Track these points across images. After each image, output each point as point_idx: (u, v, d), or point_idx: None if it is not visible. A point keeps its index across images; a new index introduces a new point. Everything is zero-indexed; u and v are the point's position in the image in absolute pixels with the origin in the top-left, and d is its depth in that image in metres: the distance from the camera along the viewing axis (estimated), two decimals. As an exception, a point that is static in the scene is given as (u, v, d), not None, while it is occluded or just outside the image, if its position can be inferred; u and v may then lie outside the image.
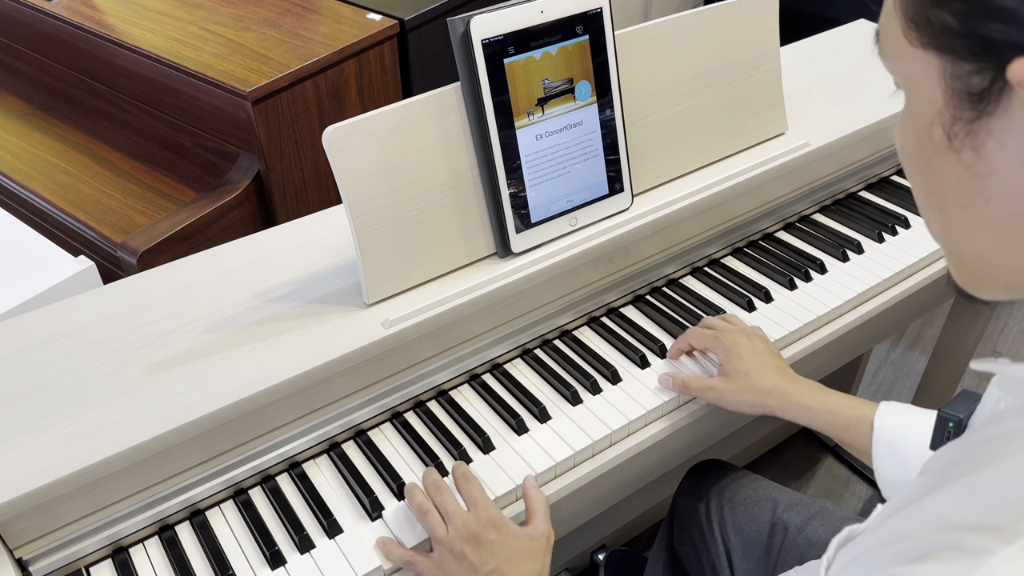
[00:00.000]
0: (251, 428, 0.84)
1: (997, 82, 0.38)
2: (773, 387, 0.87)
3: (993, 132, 0.39)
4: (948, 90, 0.41)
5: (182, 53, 1.48)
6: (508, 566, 0.74)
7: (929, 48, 0.41)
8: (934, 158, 0.43)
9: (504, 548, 0.75)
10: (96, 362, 0.85)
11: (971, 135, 0.40)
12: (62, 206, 1.43)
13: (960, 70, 0.40)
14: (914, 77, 0.43)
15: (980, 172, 0.41)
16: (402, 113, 0.87)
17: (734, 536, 1.00)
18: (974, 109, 0.40)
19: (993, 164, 0.40)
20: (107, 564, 0.80)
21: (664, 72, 1.03)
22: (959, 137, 0.41)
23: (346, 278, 0.94)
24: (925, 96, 0.42)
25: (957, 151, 0.41)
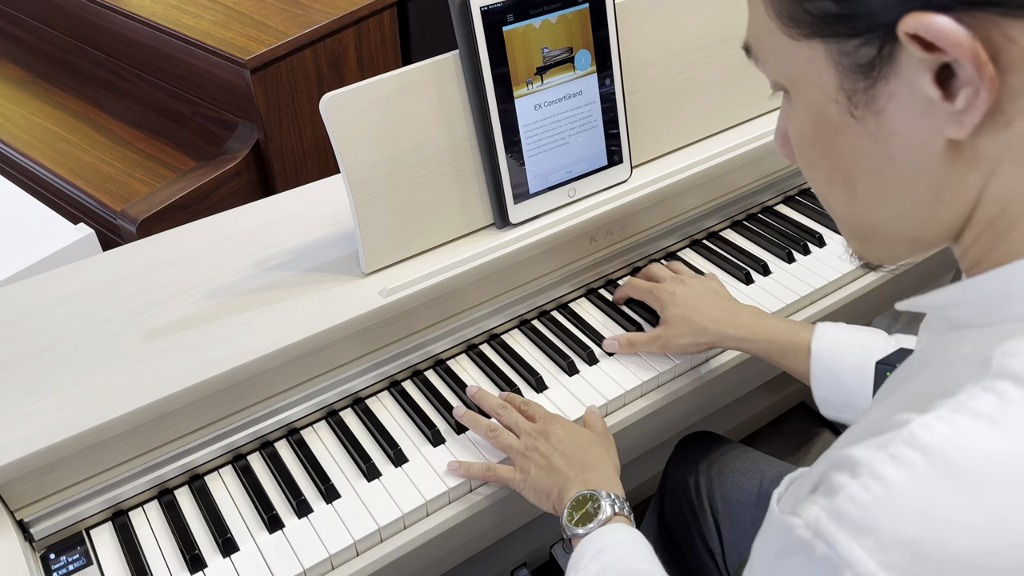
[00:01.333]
0: (249, 395, 0.84)
1: (885, 47, 0.41)
2: (711, 321, 0.91)
3: (888, 95, 0.43)
4: (839, 68, 0.44)
5: (181, 21, 1.47)
6: (573, 447, 0.81)
7: (812, 37, 0.44)
8: (836, 138, 0.46)
9: (568, 435, 0.83)
10: (95, 328, 0.85)
11: (870, 103, 0.44)
12: (62, 174, 1.44)
13: (847, 47, 0.43)
14: (800, 71, 0.46)
15: (882, 135, 0.44)
16: (400, 81, 0.86)
17: (722, 507, 1.01)
18: (868, 78, 0.43)
19: (894, 123, 0.43)
20: (107, 527, 0.81)
21: (665, 42, 1.02)
22: (860, 106, 0.44)
23: (344, 247, 0.95)
24: (816, 83, 0.46)
25: (860, 119, 0.45)
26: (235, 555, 0.78)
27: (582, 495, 0.76)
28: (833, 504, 0.39)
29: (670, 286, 0.96)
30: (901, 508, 0.37)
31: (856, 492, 0.38)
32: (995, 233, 0.44)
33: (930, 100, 0.41)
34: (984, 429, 0.36)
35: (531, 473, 0.81)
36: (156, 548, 0.79)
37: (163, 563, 0.78)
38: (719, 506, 1.01)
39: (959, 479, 0.36)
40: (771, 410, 1.76)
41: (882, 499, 0.37)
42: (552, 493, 0.79)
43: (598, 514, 0.75)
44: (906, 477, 0.37)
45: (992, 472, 0.36)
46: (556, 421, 0.85)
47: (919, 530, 0.36)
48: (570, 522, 0.75)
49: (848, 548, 0.37)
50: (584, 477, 0.78)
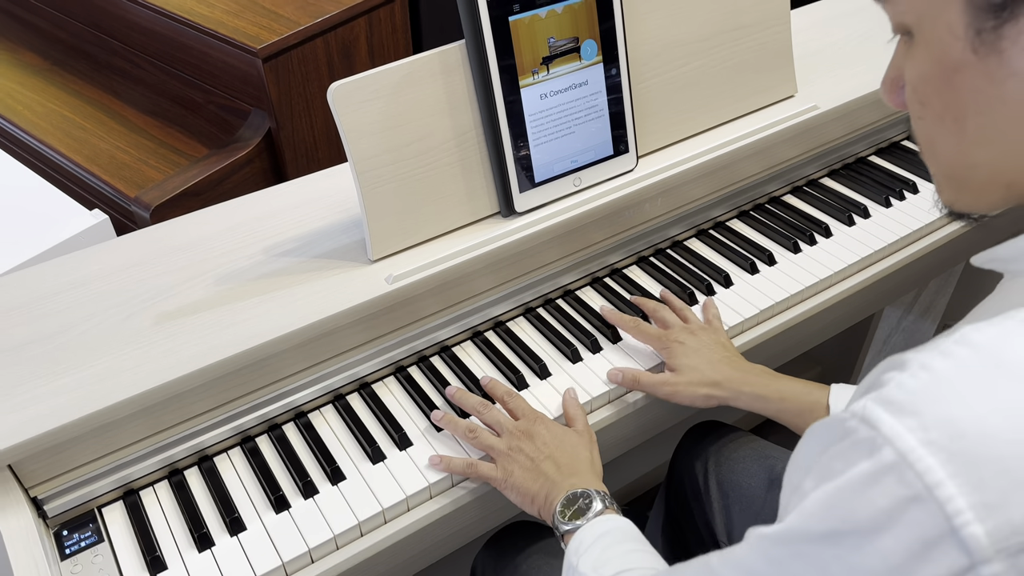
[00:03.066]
0: (258, 378, 0.86)
1: None
2: (723, 378, 0.88)
3: (1010, 36, 0.45)
4: (970, 7, 0.46)
5: (195, 10, 1.48)
6: (560, 452, 0.82)
7: None
8: (954, 75, 0.48)
9: (554, 438, 0.83)
10: (108, 311, 0.87)
11: (996, 42, 0.45)
12: (78, 160, 1.46)
13: None
14: (928, 8, 0.48)
15: (1001, 76, 0.46)
16: (407, 70, 0.87)
17: (732, 493, 1.01)
18: (997, 17, 0.45)
19: (1013, 66, 0.45)
20: (118, 505, 0.83)
21: (671, 32, 1.03)
22: (984, 45, 0.46)
23: (352, 234, 0.96)
24: (943, 20, 0.47)
25: (983, 57, 0.46)
26: (242, 534, 0.80)
27: (572, 494, 0.77)
28: (881, 393, 0.41)
29: (680, 335, 0.93)
30: (945, 391, 0.39)
31: (905, 380, 0.40)
32: None
33: None
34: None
35: (515, 474, 0.81)
36: (166, 526, 0.81)
37: (172, 541, 0.80)
38: (729, 491, 1.01)
39: (1000, 368, 0.39)
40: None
41: (928, 384, 0.40)
42: (539, 497, 0.79)
43: (590, 508, 0.76)
44: (953, 367, 0.39)
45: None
46: (540, 421, 0.85)
47: (959, 410, 0.38)
48: (563, 518, 0.76)
49: (891, 427, 0.39)
50: (572, 482, 0.79)
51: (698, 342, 0.92)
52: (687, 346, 0.91)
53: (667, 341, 0.93)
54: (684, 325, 0.95)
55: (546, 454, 0.81)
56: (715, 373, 0.89)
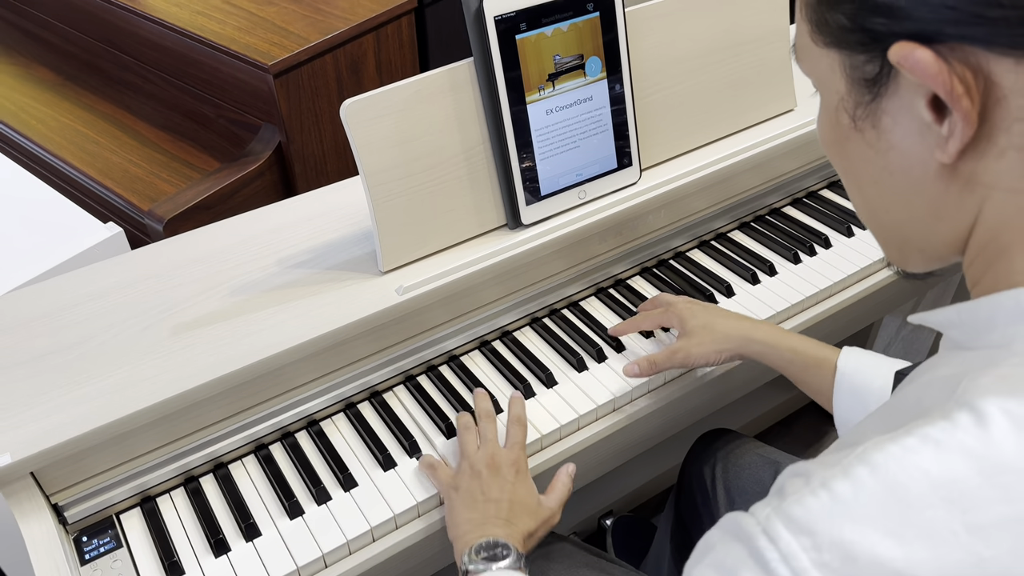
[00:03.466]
0: (272, 387, 0.88)
1: (885, 67, 0.44)
2: (733, 328, 0.90)
3: (888, 111, 0.45)
4: (849, 80, 0.47)
5: (206, 26, 1.51)
6: (509, 507, 0.79)
7: (831, 46, 0.47)
8: (845, 142, 0.49)
9: (515, 492, 0.81)
10: (126, 322, 0.89)
11: (871, 116, 0.46)
12: (91, 174, 1.48)
13: (856, 61, 0.46)
14: (823, 74, 0.49)
15: (882, 148, 0.47)
16: (417, 87, 0.90)
17: (738, 498, 1.03)
18: (871, 92, 0.46)
19: (891, 139, 0.46)
20: (136, 512, 0.85)
21: (672, 49, 1.05)
22: (862, 119, 0.47)
23: (362, 246, 0.98)
24: (833, 88, 0.49)
25: (861, 131, 0.47)
26: (257, 539, 0.82)
27: (493, 541, 0.75)
28: (783, 505, 0.41)
29: (686, 303, 0.95)
30: (841, 514, 0.39)
31: (805, 497, 0.41)
32: (987, 258, 0.46)
33: (924, 122, 0.43)
34: (928, 451, 0.38)
35: (461, 489, 0.81)
36: (182, 532, 0.83)
37: (189, 546, 0.82)
38: (735, 496, 1.02)
39: (896, 493, 0.38)
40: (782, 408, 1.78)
41: (826, 505, 0.40)
42: (459, 525, 0.78)
43: (501, 559, 0.74)
44: (850, 489, 0.39)
45: (925, 490, 0.38)
46: (515, 466, 0.83)
47: (853, 535, 0.38)
48: (474, 555, 0.74)
49: (787, 544, 0.40)
50: (492, 531, 0.77)
51: (703, 307, 0.94)
52: (694, 310, 0.93)
53: (673, 311, 0.94)
54: (686, 298, 0.97)
55: (494, 498, 0.80)
56: (724, 327, 0.91)
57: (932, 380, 0.45)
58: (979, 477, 0.37)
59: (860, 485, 0.39)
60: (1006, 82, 0.40)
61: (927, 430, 0.39)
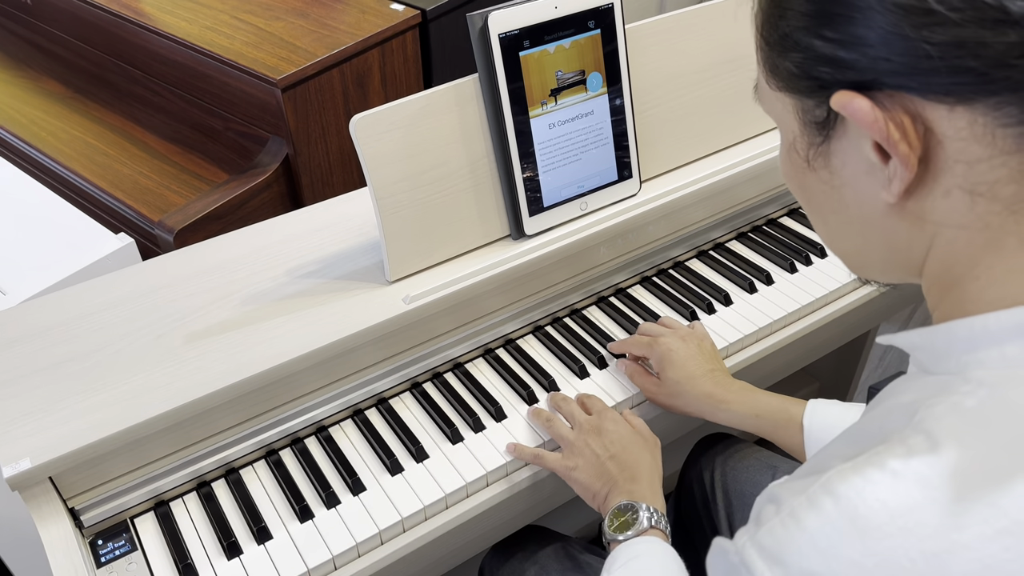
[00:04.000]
0: (282, 394, 0.90)
1: (833, 112, 0.46)
2: (702, 394, 0.92)
3: (837, 152, 0.48)
4: (801, 122, 0.49)
5: (215, 41, 1.53)
6: (625, 453, 0.85)
7: (783, 90, 0.49)
8: (803, 178, 0.52)
9: (621, 438, 0.87)
10: (140, 331, 0.91)
11: (822, 156, 0.49)
12: (102, 186, 1.50)
13: (807, 105, 0.48)
14: (779, 115, 0.52)
15: (836, 184, 0.49)
16: (424, 103, 0.92)
17: (736, 501, 1.04)
18: (821, 134, 0.48)
19: (843, 177, 0.48)
20: (150, 516, 0.87)
21: (670, 65, 1.08)
22: (814, 158, 0.50)
23: (370, 256, 1.00)
24: (789, 128, 0.51)
25: (815, 170, 0.50)
26: (269, 542, 0.84)
27: (624, 505, 0.81)
28: (757, 535, 0.44)
29: (669, 342, 0.96)
30: (807, 545, 0.41)
31: (775, 526, 0.43)
32: (942, 286, 0.48)
33: (871, 163, 0.45)
34: (886, 480, 0.40)
35: (579, 467, 0.86)
36: (195, 536, 0.85)
37: (202, 549, 0.84)
38: (733, 499, 1.04)
39: (856, 524, 0.40)
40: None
41: (794, 535, 0.42)
42: (599, 494, 0.84)
43: (635, 524, 0.79)
44: (815, 520, 0.41)
45: (883, 519, 0.39)
46: (609, 418, 0.89)
47: (819, 565, 0.41)
48: (609, 527, 0.80)
49: (762, 574, 0.43)
50: (630, 488, 0.82)
51: (686, 352, 0.95)
52: (675, 354, 0.94)
53: (658, 347, 0.96)
54: (671, 331, 0.98)
55: (611, 453, 0.85)
56: (695, 389, 0.92)
57: (894, 406, 0.47)
58: (934, 506, 0.39)
59: (825, 516, 0.41)
60: (941, 127, 0.42)
61: (885, 459, 0.41)
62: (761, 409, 0.90)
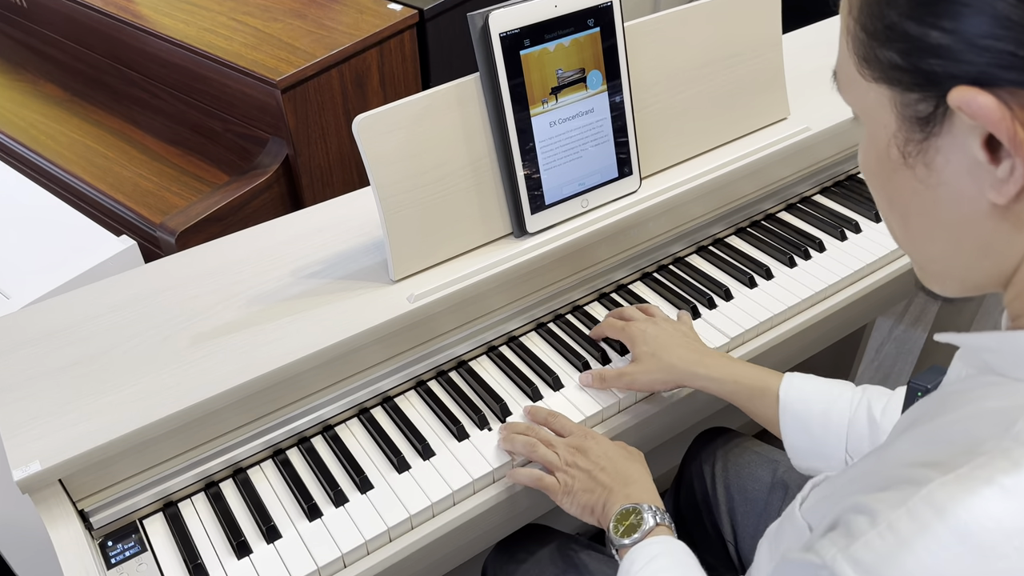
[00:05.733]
0: (288, 394, 0.91)
1: (940, 107, 0.44)
2: (679, 360, 0.92)
3: (940, 149, 0.45)
4: (900, 116, 0.46)
5: (214, 43, 1.53)
6: (613, 464, 0.85)
7: (880, 82, 0.46)
8: (893, 175, 0.49)
9: (606, 452, 0.86)
10: (146, 333, 0.92)
11: (922, 153, 0.46)
12: (103, 188, 1.50)
13: (908, 99, 0.45)
14: (870, 107, 0.49)
15: (932, 183, 0.47)
16: (426, 103, 0.93)
17: (737, 496, 1.05)
18: (923, 131, 0.45)
19: (942, 176, 0.46)
20: (159, 517, 0.88)
21: (669, 62, 1.08)
22: (912, 155, 0.47)
23: (373, 256, 1.01)
24: (881, 122, 0.48)
25: (911, 167, 0.47)
26: (278, 541, 0.84)
27: (626, 508, 0.80)
28: (851, 548, 0.42)
29: (641, 325, 0.97)
30: (911, 561, 0.39)
31: (872, 540, 0.41)
32: None
33: (977, 162, 0.43)
34: (996, 496, 0.38)
35: (574, 488, 0.85)
36: (205, 536, 0.86)
37: (212, 549, 0.84)
38: (734, 494, 1.05)
39: (966, 541, 0.38)
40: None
41: (895, 550, 0.40)
42: (597, 507, 0.83)
43: (642, 525, 0.79)
44: (919, 533, 0.39)
45: (998, 538, 0.38)
46: (590, 437, 0.88)
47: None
48: (616, 534, 0.79)
49: None
50: (627, 492, 0.82)
51: (657, 329, 0.96)
52: (647, 334, 0.95)
53: (629, 330, 0.97)
54: (646, 316, 0.99)
55: (601, 466, 0.85)
56: (670, 356, 0.92)
57: (981, 412, 0.45)
58: None
59: (931, 533, 0.39)
60: None
61: (990, 471, 0.39)
62: (739, 375, 0.90)
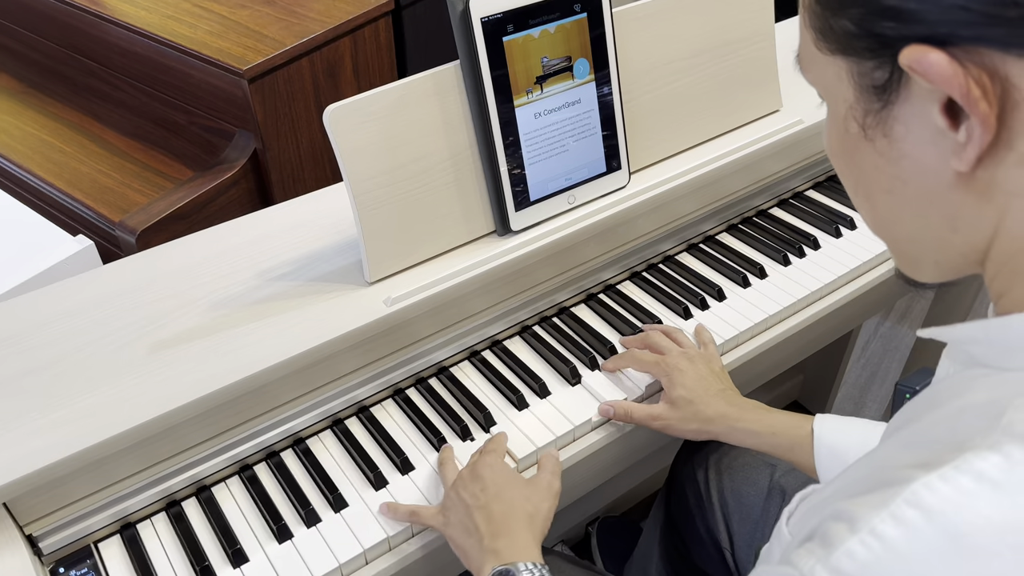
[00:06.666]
0: (255, 405, 0.85)
1: (895, 72, 0.42)
2: (717, 414, 0.88)
3: (899, 118, 0.43)
4: (857, 87, 0.45)
5: (177, 31, 1.47)
6: (497, 502, 0.76)
7: (837, 53, 0.45)
8: (855, 152, 0.47)
9: (495, 484, 0.78)
10: (101, 341, 0.86)
11: (881, 123, 0.44)
12: (59, 185, 1.44)
13: (864, 67, 0.44)
14: (829, 82, 0.47)
15: (894, 156, 0.45)
16: (402, 92, 0.87)
17: (732, 501, 1.02)
18: (880, 100, 0.44)
19: (903, 147, 0.44)
20: (115, 540, 0.82)
21: (659, 51, 1.04)
22: (872, 127, 0.45)
23: (347, 256, 0.95)
24: (840, 97, 0.46)
25: (872, 140, 0.45)
26: (245, 566, 0.79)
27: (498, 572, 0.71)
28: (831, 558, 0.39)
29: (679, 363, 0.91)
30: (898, 567, 0.37)
31: (854, 548, 0.38)
32: (1014, 269, 0.44)
33: (938, 129, 0.41)
34: (986, 492, 0.36)
35: (451, 522, 0.78)
36: (165, 560, 0.80)
37: (172, 574, 0.78)
38: (729, 499, 1.02)
39: (958, 543, 0.36)
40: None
41: (880, 557, 0.37)
42: (469, 555, 0.75)
43: None
44: (905, 537, 0.37)
45: (991, 538, 0.35)
46: (488, 463, 0.80)
47: None
48: None
49: None
50: (496, 547, 0.73)
51: (695, 372, 0.91)
52: (685, 375, 0.90)
53: (666, 368, 0.91)
54: (680, 350, 0.94)
55: (482, 502, 0.76)
56: (708, 409, 0.88)
57: (964, 407, 0.42)
58: None
59: (918, 535, 0.37)
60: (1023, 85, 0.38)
61: (979, 466, 0.37)
62: (777, 427, 0.86)
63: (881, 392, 1.81)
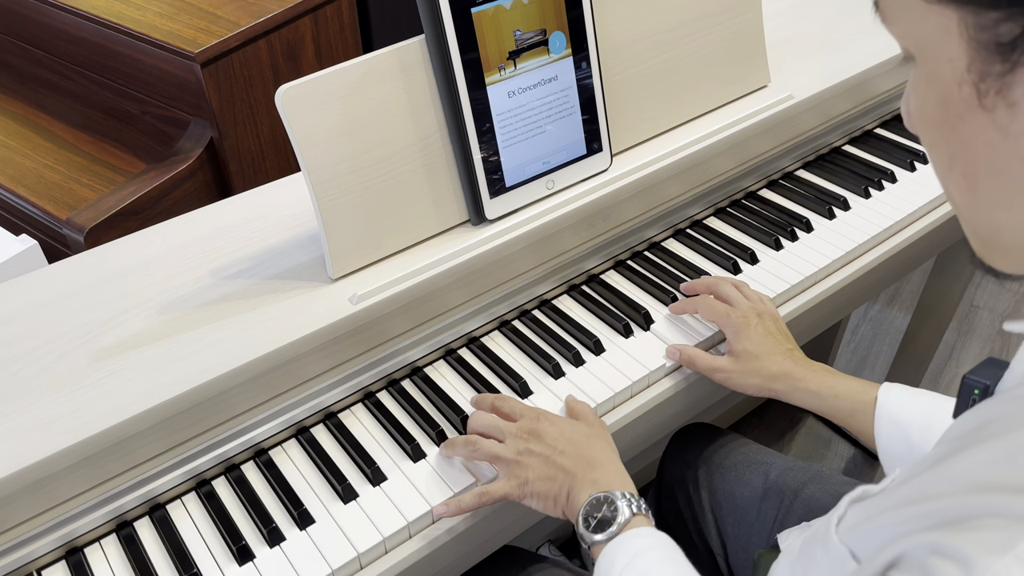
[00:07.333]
0: (212, 415, 0.79)
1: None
2: (781, 372, 0.85)
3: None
4: (973, 43, 0.38)
5: (124, 13, 1.41)
6: (573, 444, 0.77)
7: (946, 2, 0.38)
8: (959, 123, 0.40)
9: (563, 432, 0.78)
10: (40, 350, 0.80)
11: (1004, 90, 0.37)
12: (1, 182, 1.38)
13: (986, 20, 0.37)
14: (929, 37, 0.40)
15: (1015, 131, 0.38)
16: (362, 70, 0.81)
17: (725, 503, 0.99)
18: (1006, 61, 0.37)
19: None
20: (60, 566, 0.76)
21: (641, 23, 0.98)
22: (991, 94, 0.38)
23: (309, 251, 0.90)
24: (944, 55, 0.39)
25: (989, 110, 0.39)
26: (203, 592, 0.73)
27: (595, 498, 0.71)
28: None
29: (749, 316, 0.89)
30: None
31: None
32: None
33: None
34: None
35: (529, 480, 0.75)
36: (116, 587, 0.74)
37: (124, 604, 0.72)
38: (721, 500, 0.98)
39: None
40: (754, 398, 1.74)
41: None
42: (560, 497, 0.74)
43: (617, 517, 0.70)
44: None
45: None
46: (543, 418, 0.79)
47: None
48: (587, 529, 0.71)
49: None
50: (593, 477, 0.73)
51: (764, 328, 0.88)
52: (752, 329, 0.88)
53: (734, 318, 0.89)
54: (750, 303, 0.91)
55: (559, 449, 0.76)
56: (774, 366, 0.86)
57: None
58: None
59: None
60: None
61: None
62: (840, 390, 0.84)
63: (872, 377, 1.77)
